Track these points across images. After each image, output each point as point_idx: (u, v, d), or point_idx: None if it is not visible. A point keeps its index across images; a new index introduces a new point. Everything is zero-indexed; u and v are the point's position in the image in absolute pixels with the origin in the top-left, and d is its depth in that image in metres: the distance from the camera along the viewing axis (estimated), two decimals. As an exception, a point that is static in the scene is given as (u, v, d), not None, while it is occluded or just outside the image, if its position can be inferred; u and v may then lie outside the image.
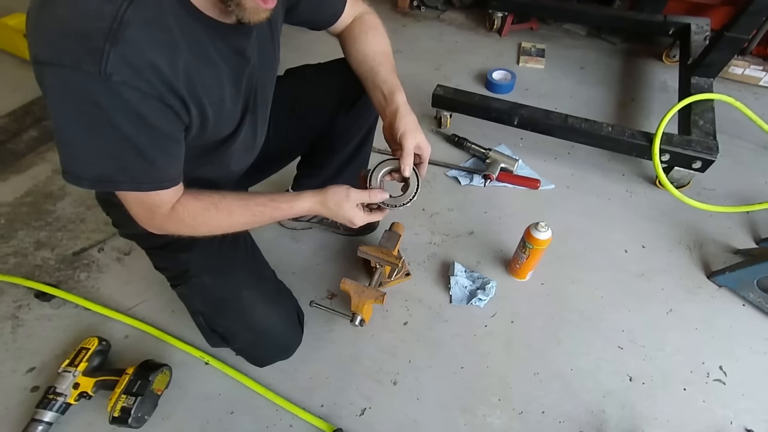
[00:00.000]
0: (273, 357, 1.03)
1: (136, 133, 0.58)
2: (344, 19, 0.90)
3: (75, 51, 0.50)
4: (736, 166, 1.57)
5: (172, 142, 0.64)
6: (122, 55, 0.51)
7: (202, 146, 0.74)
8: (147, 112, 0.57)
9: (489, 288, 1.20)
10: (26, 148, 1.62)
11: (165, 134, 0.62)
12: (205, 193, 0.75)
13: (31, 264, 1.29)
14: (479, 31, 2.27)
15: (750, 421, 1.01)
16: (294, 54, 1.57)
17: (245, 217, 0.78)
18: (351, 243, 1.34)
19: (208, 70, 0.64)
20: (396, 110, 0.82)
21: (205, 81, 0.64)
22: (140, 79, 0.54)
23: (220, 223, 0.77)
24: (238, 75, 0.71)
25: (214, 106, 0.67)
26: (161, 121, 0.60)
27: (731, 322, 1.17)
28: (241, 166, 0.92)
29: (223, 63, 0.66)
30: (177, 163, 0.68)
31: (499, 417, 1.01)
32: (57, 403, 0.96)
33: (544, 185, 1.50)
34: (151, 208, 0.69)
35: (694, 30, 1.77)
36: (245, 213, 0.77)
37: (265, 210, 0.78)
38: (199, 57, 0.62)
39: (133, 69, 0.53)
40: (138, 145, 0.59)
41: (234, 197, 0.77)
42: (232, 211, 0.76)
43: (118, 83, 0.52)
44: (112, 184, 0.63)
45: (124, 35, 0.51)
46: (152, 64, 0.54)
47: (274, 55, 0.81)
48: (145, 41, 0.53)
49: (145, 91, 0.55)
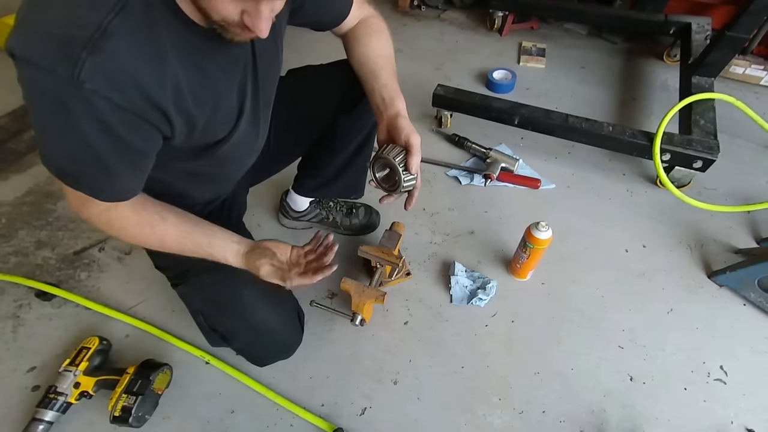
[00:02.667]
0: (273, 356, 1.03)
1: (101, 143, 0.57)
2: (349, 20, 0.89)
3: (53, 55, 0.50)
4: (737, 165, 1.56)
5: (140, 156, 0.64)
6: (98, 65, 0.50)
7: (191, 147, 0.74)
8: (116, 123, 0.56)
9: (489, 288, 1.20)
10: (27, 147, 1.62)
11: (133, 148, 0.61)
12: (148, 207, 0.74)
13: (31, 263, 1.29)
14: (480, 30, 2.27)
15: (751, 421, 1.01)
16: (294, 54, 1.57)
17: (177, 248, 0.77)
18: (351, 242, 1.34)
19: (200, 79, 0.63)
20: (396, 114, 0.82)
21: (196, 91, 0.63)
22: (114, 91, 0.53)
23: (149, 242, 0.75)
24: (233, 82, 0.70)
25: (204, 115, 0.67)
26: (131, 134, 0.59)
27: (732, 322, 1.17)
28: (242, 165, 0.92)
29: (219, 72, 0.66)
30: (141, 176, 0.68)
31: (499, 416, 1.01)
32: (58, 403, 0.96)
33: (545, 185, 1.50)
34: (88, 200, 0.67)
35: (695, 29, 1.77)
36: (178, 245, 0.76)
37: (198, 252, 0.78)
38: (192, 67, 0.61)
39: (108, 80, 0.52)
40: (101, 155, 0.59)
41: (176, 224, 0.76)
42: (165, 239, 0.75)
43: (89, 91, 0.51)
44: (73, 182, 0.63)
45: (105, 45, 0.50)
46: (131, 76, 0.54)
47: (277, 57, 0.81)
48: (127, 53, 0.52)
49: (117, 103, 0.54)
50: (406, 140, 0.78)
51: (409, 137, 0.78)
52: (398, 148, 0.79)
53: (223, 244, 0.79)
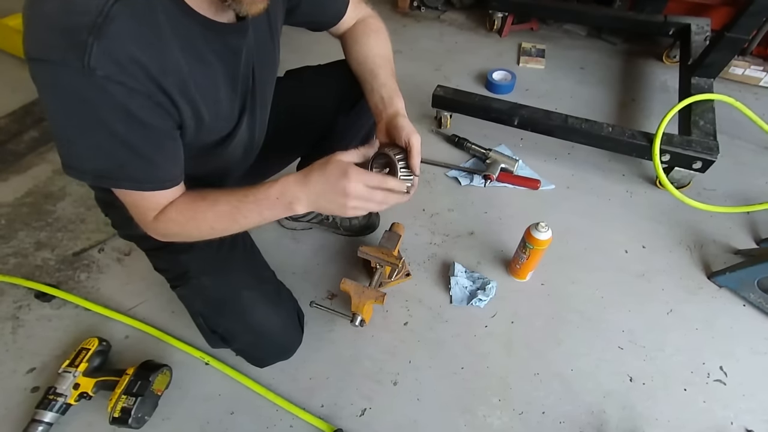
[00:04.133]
0: (273, 358, 1.03)
1: (127, 130, 0.57)
2: (347, 20, 0.89)
3: (61, 46, 0.50)
4: (736, 166, 1.57)
5: (168, 139, 0.64)
6: (105, 49, 0.50)
7: (199, 146, 0.74)
8: (135, 108, 0.56)
9: (489, 288, 1.20)
10: (27, 148, 1.62)
11: (159, 131, 0.61)
12: (194, 189, 0.73)
13: (31, 264, 1.29)
14: (479, 31, 2.27)
15: (750, 422, 1.01)
16: (294, 54, 1.57)
17: (230, 205, 0.72)
18: (351, 243, 1.34)
19: (201, 69, 0.63)
20: (396, 113, 0.81)
21: (198, 80, 0.63)
22: (125, 74, 0.53)
23: (206, 215, 0.71)
24: (234, 74, 0.70)
25: (209, 106, 0.66)
26: (153, 118, 0.59)
27: (732, 323, 1.17)
28: (240, 166, 0.92)
29: (218, 62, 0.66)
30: (177, 162, 0.67)
31: (499, 417, 1.01)
32: (57, 404, 0.96)
33: (545, 185, 1.50)
34: (149, 208, 0.68)
35: (694, 30, 1.77)
36: (230, 200, 0.72)
37: (248, 193, 0.72)
38: (192, 56, 0.61)
39: (116, 64, 0.52)
40: (130, 143, 0.58)
41: (220, 189, 0.73)
42: (217, 200, 0.72)
43: (102, 78, 0.51)
44: (112, 182, 0.63)
45: (108, 29, 0.50)
46: (136, 59, 0.53)
47: (274, 56, 0.81)
48: (130, 36, 0.52)
49: (131, 87, 0.54)
50: (407, 140, 0.78)
51: (409, 137, 0.78)
52: (396, 148, 0.79)
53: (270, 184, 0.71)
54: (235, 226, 0.74)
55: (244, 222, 0.73)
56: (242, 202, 0.71)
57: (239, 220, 0.72)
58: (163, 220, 0.70)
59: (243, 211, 0.71)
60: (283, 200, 0.70)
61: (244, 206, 0.71)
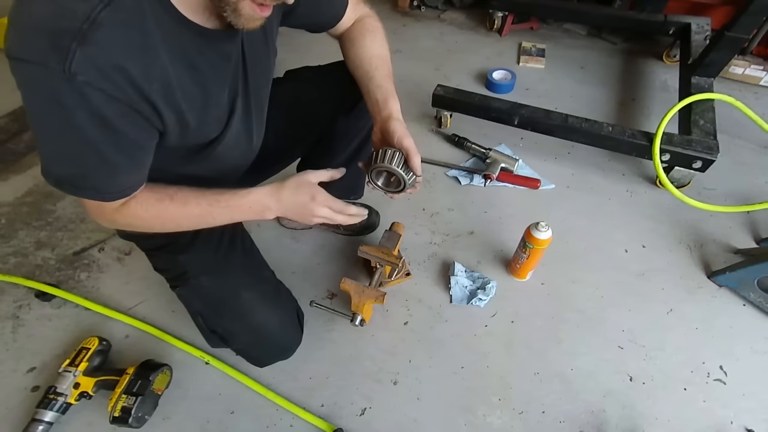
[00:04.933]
0: (273, 357, 1.03)
1: (100, 137, 0.57)
2: (345, 21, 0.89)
3: (44, 49, 0.50)
4: (736, 165, 1.57)
5: (138, 149, 0.64)
6: (89, 56, 0.50)
7: (186, 149, 0.74)
8: (112, 115, 0.56)
9: (489, 288, 1.20)
10: (26, 147, 1.62)
11: (131, 140, 0.61)
12: (161, 185, 0.73)
13: (31, 264, 1.29)
14: (479, 30, 2.27)
15: (750, 421, 1.01)
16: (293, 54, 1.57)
17: (200, 208, 0.74)
18: (351, 243, 1.34)
19: (190, 75, 0.63)
20: (389, 116, 0.81)
21: (185, 87, 0.63)
22: (106, 81, 0.53)
23: (174, 214, 0.74)
24: (224, 80, 0.70)
25: (195, 112, 0.66)
26: (128, 126, 0.59)
27: (732, 322, 1.17)
28: (237, 167, 0.91)
29: (208, 68, 0.66)
30: (142, 170, 0.67)
31: (499, 417, 1.01)
32: (57, 403, 0.96)
33: (545, 185, 1.50)
34: (108, 207, 0.68)
35: (694, 30, 1.77)
36: (200, 203, 0.74)
37: (221, 198, 0.76)
38: (181, 63, 0.61)
39: (99, 70, 0.52)
40: (101, 150, 0.58)
41: (191, 189, 0.75)
42: (187, 201, 0.73)
43: (81, 83, 0.51)
44: (73, 189, 0.63)
45: (94, 36, 0.50)
46: (120, 67, 0.53)
47: (268, 59, 0.80)
48: (116, 43, 0.52)
49: (111, 94, 0.54)
50: (399, 145, 0.79)
51: (401, 141, 0.78)
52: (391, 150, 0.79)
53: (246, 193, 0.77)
54: (202, 225, 0.80)
55: (212, 222, 0.79)
56: (213, 207, 0.76)
57: (208, 221, 0.78)
58: (124, 215, 0.70)
59: (213, 214, 0.77)
60: (255, 209, 0.79)
61: (215, 210, 0.76)
